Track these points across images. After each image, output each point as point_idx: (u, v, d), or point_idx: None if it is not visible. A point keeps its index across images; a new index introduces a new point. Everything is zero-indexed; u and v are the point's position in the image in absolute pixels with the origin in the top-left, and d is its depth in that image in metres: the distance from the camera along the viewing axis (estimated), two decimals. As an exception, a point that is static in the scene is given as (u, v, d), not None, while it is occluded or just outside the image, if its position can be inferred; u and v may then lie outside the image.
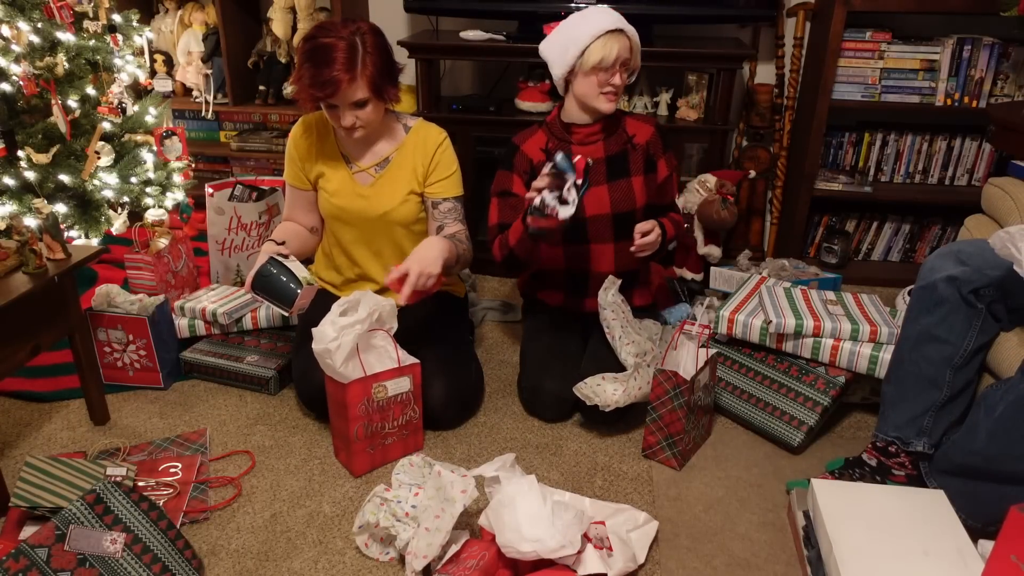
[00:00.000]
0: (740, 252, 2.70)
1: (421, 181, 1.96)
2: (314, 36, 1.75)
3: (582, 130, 1.98)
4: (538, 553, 1.40)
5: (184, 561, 1.45)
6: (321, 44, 1.73)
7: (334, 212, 1.99)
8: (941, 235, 3.02)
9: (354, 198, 1.96)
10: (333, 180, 1.98)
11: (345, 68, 1.72)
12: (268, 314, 2.30)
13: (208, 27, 3.12)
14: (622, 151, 2.01)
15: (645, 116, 2.08)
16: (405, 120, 2.00)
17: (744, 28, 2.94)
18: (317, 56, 1.72)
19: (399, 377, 1.79)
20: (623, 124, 2.03)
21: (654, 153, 2.03)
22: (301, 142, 1.99)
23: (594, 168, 1.97)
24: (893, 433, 1.66)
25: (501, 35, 2.79)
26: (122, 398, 2.12)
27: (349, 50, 1.73)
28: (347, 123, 1.80)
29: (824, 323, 1.93)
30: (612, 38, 1.83)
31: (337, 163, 1.97)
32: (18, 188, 2.30)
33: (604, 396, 1.83)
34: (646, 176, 2.03)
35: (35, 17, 2.26)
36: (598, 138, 1.99)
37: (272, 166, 3.16)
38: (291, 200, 2.07)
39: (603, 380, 1.87)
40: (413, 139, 1.97)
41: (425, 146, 1.95)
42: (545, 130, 2.03)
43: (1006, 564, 1.23)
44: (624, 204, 2.00)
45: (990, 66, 2.68)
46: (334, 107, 1.80)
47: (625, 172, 2.00)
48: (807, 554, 1.51)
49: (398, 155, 1.96)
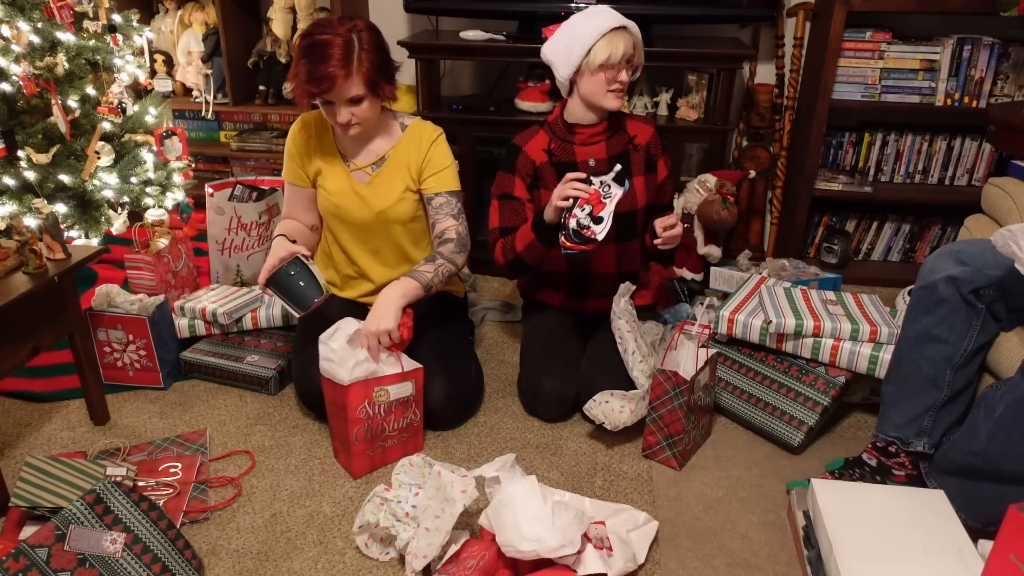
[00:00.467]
0: (740, 252, 2.70)
1: (416, 178, 1.96)
2: (311, 33, 1.77)
3: (586, 130, 1.98)
4: (538, 552, 1.40)
5: (184, 561, 1.45)
6: (317, 41, 1.74)
7: (332, 210, 1.99)
8: (941, 235, 3.02)
9: (351, 196, 1.97)
10: (331, 178, 1.98)
11: (341, 64, 1.73)
12: (268, 314, 2.30)
13: (208, 27, 3.12)
14: (624, 152, 2.01)
15: (644, 117, 2.08)
16: (403, 119, 2.00)
17: (744, 28, 2.94)
18: (313, 52, 1.73)
19: (402, 382, 1.78)
20: (624, 125, 2.03)
21: (654, 154, 2.04)
22: (300, 139, 1.99)
23: (596, 169, 1.98)
24: (893, 433, 1.66)
25: (501, 35, 2.79)
26: (122, 398, 2.12)
27: (345, 47, 1.73)
28: (343, 119, 1.81)
29: (824, 323, 1.93)
30: (617, 35, 1.84)
31: (335, 161, 1.98)
32: (18, 188, 2.30)
33: (613, 417, 1.84)
34: (647, 176, 2.03)
35: (35, 17, 2.26)
36: (601, 138, 1.99)
37: (272, 166, 3.16)
38: (291, 198, 2.07)
39: (611, 397, 1.88)
40: (409, 137, 1.97)
41: (420, 143, 1.95)
42: (547, 130, 2.03)
43: (1006, 564, 1.23)
44: (626, 204, 2.00)
45: (990, 66, 2.68)
46: (330, 103, 1.81)
47: (627, 173, 2.00)
48: (807, 554, 1.51)
49: (394, 153, 1.96)
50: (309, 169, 2.00)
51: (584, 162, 2.00)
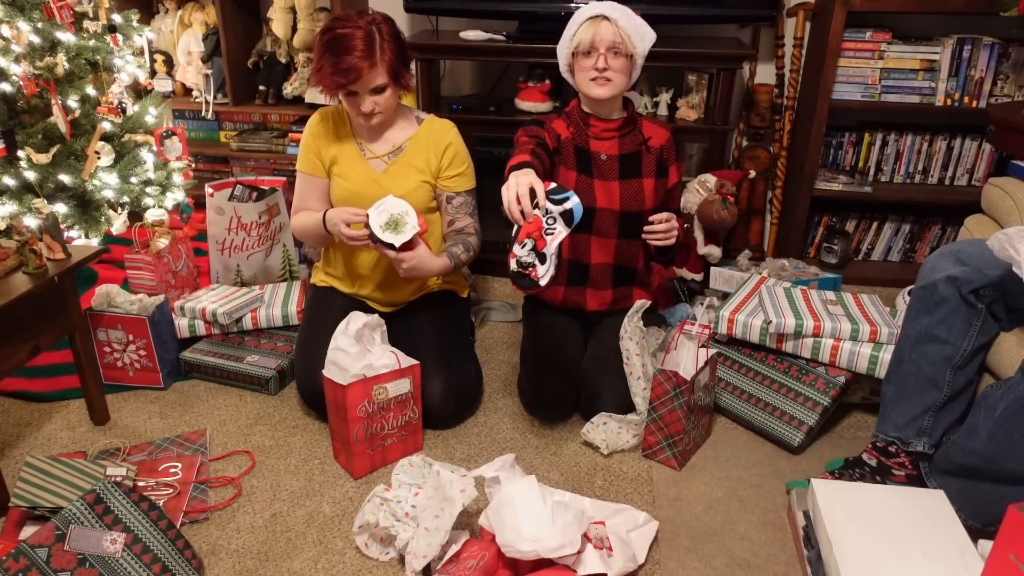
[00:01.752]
0: (740, 252, 2.70)
1: (434, 173, 2.02)
2: (332, 27, 1.83)
3: (600, 124, 1.99)
4: (538, 552, 1.40)
5: (184, 561, 1.45)
6: (340, 34, 1.80)
7: (347, 197, 2.00)
8: (941, 235, 3.02)
9: (368, 183, 2.00)
10: (347, 166, 2.01)
11: (365, 55, 1.80)
12: (268, 314, 2.30)
13: (208, 27, 3.12)
14: (636, 151, 2.01)
15: (662, 121, 2.09)
16: (417, 113, 2.07)
17: (744, 28, 2.94)
18: (338, 45, 1.80)
19: (400, 379, 1.79)
20: (640, 125, 2.04)
21: (667, 159, 2.03)
22: (318, 129, 2.03)
23: (607, 164, 1.98)
24: (893, 433, 1.66)
25: (501, 35, 2.79)
26: (122, 398, 2.12)
27: (368, 38, 1.81)
28: (367, 109, 1.87)
29: (824, 323, 1.93)
30: (593, 23, 1.87)
31: (352, 150, 2.02)
32: (18, 188, 2.30)
33: (612, 441, 1.88)
34: (657, 180, 2.03)
35: (35, 17, 2.26)
36: (614, 135, 2.00)
37: (272, 166, 3.16)
38: (304, 190, 2.07)
39: (609, 419, 1.90)
40: (426, 130, 2.03)
41: (438, 139, 2.01)
42: (565, 118, 2.04)
43: (1005, 564, 1.23)
44: (633, 203, 2.00)
45: (990, 66, 2.68)
46: (354, 94, 1.86)
47: (638, 172, 2.00)
48: (807, 554, 1.51)
49: (412, 143, 2.02)
50: (325, 157, 2.03)
51: (597, 154, 2.00)
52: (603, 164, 1.98)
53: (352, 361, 1.74)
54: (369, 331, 1.82)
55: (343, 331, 1.77)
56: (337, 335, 1.77)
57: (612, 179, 1.99)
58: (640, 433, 1.88)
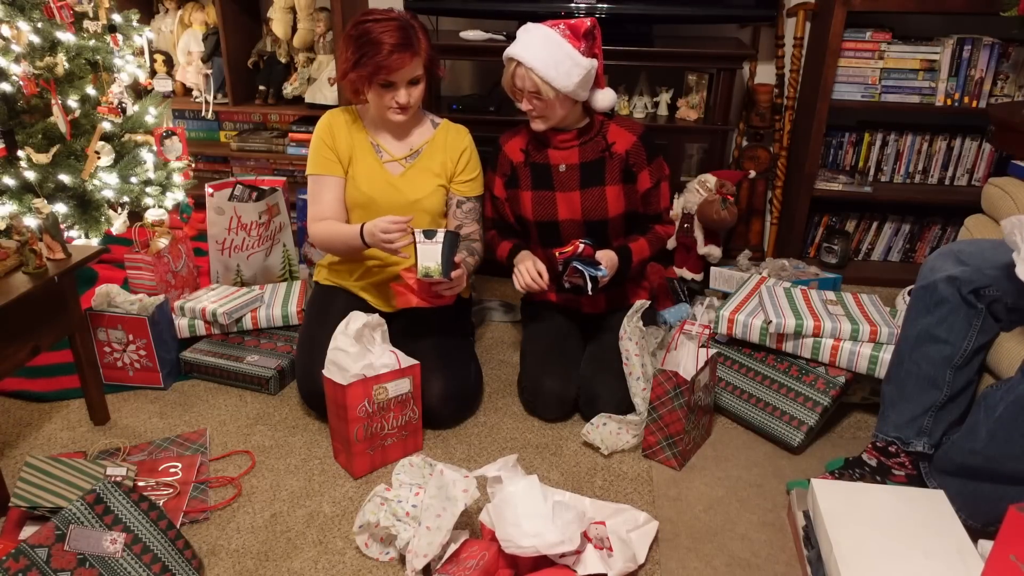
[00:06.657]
0: (740, 252, 2.70)
1: (449, 177, 2.04)
2: (363, 22, 1.84)
3: (558, 135, 1.98)
4: (538, 548, 1.40)
5: (184, 561, 1.45)
6: (374, 28, 1.82)
7: (362, 200, 2.00)
8: (941, 235, 3.02)
9: (384, 186, 2.00)
10: (363, 169, 2.02)
11: (405, 46, 1.82)
12: (268, 314, 2.30)
13: (208, 27, 3.12)
14: (599, 158, 1.99)
15: (632, 123, 2.02)
16: (432, 116, 2.08)
17: (744, 28, 2.94)
18: (375, 37, 1.81)
19: (400, 379, 1.79)
20: (604, 131, 2.00)
21: (634, 164, 1.98)
22: (332, 129, 2.02)
23: (567, 174, 1.98)
24: (893, 433, 1.66)
25: (501, 35, 2.79)
26: (122, 398, 2.12)
27: (403, 30, 1.83)
28: (403, 100, 1.88)
29: (824, 323, 1.93)
30: (510, 63, 1.88)
31: (368, 152, 2.02)
32: (18, 188, 2.30)
33: (611, 442, 1.88)
34: (625, 186, 2.00)
35: (35, 17, 2.26)
36: (573, 144, 1.98)
37: (272, 166, 3.17)
38: (321, 193, 2.03)
39: (609, 420, 1.90)
40: (443, 135, 2.05)
41: (455, 144, 2.04)
42: (527, 130, 2.03)
43: (1005, 564, 1.23)
44: (595, 212, 1.99)
45: (990, 66, 2.68)
46: (390, 85, 1.87)
47: (600, 180, 1.98)
48: (807, 554, 1.51)
49: (429, 147, 2.03)
50: (342, 154, 2.02)
51: (556, 166, 1.99)
52: (563, 175, 1.98)
53: (352, 361, 1.74)
54: (369, 331, 1.82)
55: (343, 331, 1.77)
56: (337, 335, 1.77)
57: (573, 189, 1.99)
58: (640, 433, 1.88)
